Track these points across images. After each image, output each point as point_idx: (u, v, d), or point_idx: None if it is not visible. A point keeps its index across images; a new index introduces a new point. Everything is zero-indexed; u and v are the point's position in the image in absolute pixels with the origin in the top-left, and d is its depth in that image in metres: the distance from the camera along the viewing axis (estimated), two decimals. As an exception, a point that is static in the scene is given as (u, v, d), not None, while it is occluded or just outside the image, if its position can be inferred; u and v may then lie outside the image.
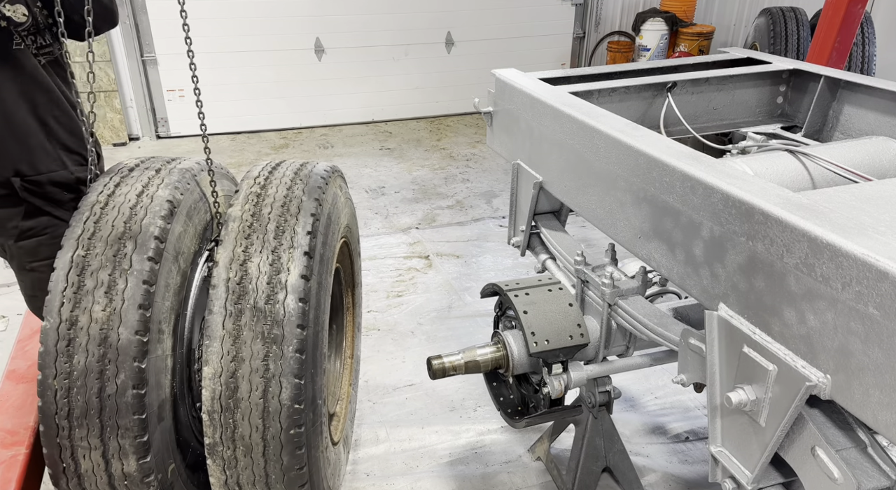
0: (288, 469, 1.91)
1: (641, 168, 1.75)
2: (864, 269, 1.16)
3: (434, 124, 7.53)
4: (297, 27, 6.92)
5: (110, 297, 1.81)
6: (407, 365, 3.44)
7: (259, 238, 1.97)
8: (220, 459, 1.90)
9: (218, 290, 1.89)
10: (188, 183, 2.11)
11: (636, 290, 2.05)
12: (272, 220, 2.01)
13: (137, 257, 1.85)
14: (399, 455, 2.86)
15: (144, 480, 1.85)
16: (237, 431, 1.86)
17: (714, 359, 1.54)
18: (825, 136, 2.59)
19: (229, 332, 1.86)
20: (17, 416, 2.22)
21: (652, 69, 2.70)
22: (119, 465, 1.82)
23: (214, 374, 1.85)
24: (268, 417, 1.85)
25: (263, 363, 1.84)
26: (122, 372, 1.78)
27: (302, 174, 2.19)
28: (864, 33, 6.24)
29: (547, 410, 2.17)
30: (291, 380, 1.85)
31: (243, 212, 2.04)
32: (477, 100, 2.68)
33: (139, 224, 1.90)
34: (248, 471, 1.91)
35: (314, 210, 2.06)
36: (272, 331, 1.85)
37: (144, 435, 1.82)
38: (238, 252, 1.95)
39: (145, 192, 2.00)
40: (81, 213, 1.95)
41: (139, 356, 1.80)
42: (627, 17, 8.37)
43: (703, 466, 2.80)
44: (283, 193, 2.09)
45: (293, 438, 1.88)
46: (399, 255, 4.59)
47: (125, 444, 1.80)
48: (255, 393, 1.84)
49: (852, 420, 1.42)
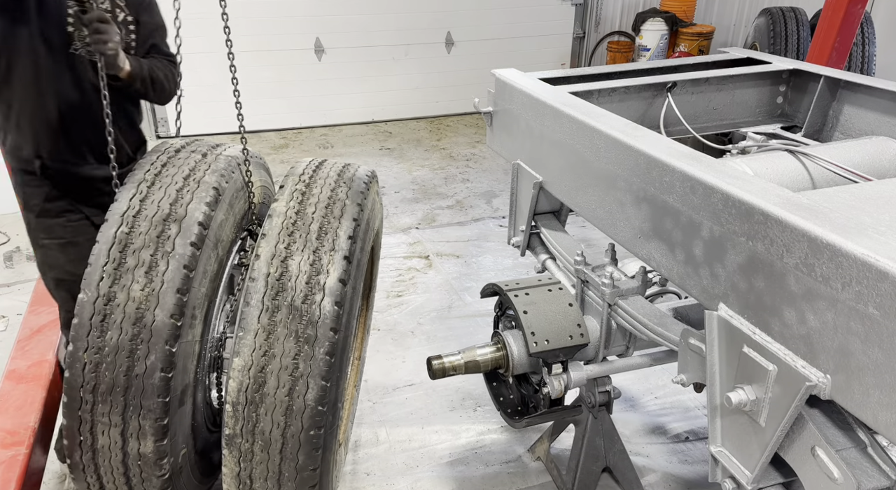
0: (302, 469, 1.92)
1: (641, 168, 1.75)
2: (864, 269, 1.16)
3: (434, 124, 7.53)
4: (297, 27, 6.91)
5: (150, 277, 1.83)
6: (407, 365, 3.44)
7: (302, 237, 1.98)
8: (236, 451, 1.91)
9: (257, 283, 1.90)
10: (233, 171, 2.13)
11: (636, 290, 2.05)
12: (315, 220, 2.02)
13: (181, 241, 1.87)
14: (399, 455, 2.86)
15: (158, 462, 1.87)
16: (258, 426, 1.88)
17: (714, 359, 1.54)
18: (825, 136, 2.59)
19: (264, 326, 1.87)
20: (17, 416, 2.23)
21: (652, 69, 2.70)
22: (136, 444, 1.84)
23: (244, 366, 1.86)
24: (291, 416, 1.86)
25: (294, 362, 1.85)
26: (154, 353, 1.80)
27: (345, 177, 2.20)
28: (864, 33, 6.24)
29: (547, 410, 2.17)
30: (319, 381, 1.85)
31: (288, 208, 2.05)
32: (477, 100, 2.68)
33: (185, 208, 1.92)
34: (263, 466, 1.92)
35: (356, 215, 2.07)
36: (306, 331, 1.86)
37: (165, 418, 1.84)
38: (280, 248, 1.96)
39: (192, 176, 2.02)
40: (128, 190, 1.97)
41: (171, 340, 1.82)
42: (627, 17, 8.36)
43: (703, 466, 2.79)
44: (328, 195, 2.09)
45: (312, 439, 1.89)
46: (399, 255, 4.59)
47: (145, 425, 1.82)
48: (281, 390, 1.85)
49: (852, 420, 1.42)
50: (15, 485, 1.99)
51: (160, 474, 1.88)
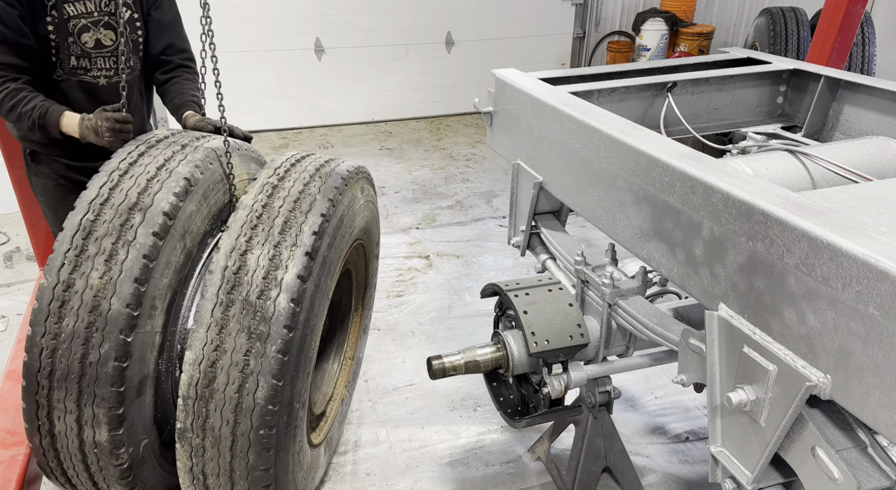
0: (253, 468, 1.89)
1: (641, 168, 1.75)
2: (864, 269, 1.16)
3: (434, 124, 7.53)
4: (297, 27, 6.91)
5: (109, 265, 1.81)
6: (407, 365, 3.44)
7: (264, 231, 1.94)
8: (188, 446, 1.88)
9: (214, 276, 1.88)
10: (211, 162, 2.09)
11: (636, 290, 2.05)
12: (281, 214, 1.98)
13: (143, 230, 1.85)
14: (399, 455, 2.86)
15: (114, 452, 1.84)
16: (208, 421, 1.85)
17: (714, 359, 1.54)
18: (825, 136, 2.59)
19: (217, 320, 1.84)
20: (17, 416, 2.22)
21: (652, 69, 2.70)
22: (91, 432, 1.82)
23: (195, 360, 1.84)
24: (240, 413, 1.83)
25: (244, 358, 1.82)
26: (107, 342, 1.78)
27: (323, 172, 2.15)
28: (864, 33, 6.24)
29: (547, 410, 2.17)
30: (269, 380, 1.82)
31: (255, 201, 2.01)
32: (477, 100, 2.68)
33: (152, 197, 1.90)
34: (214, 462, 1.89)
35: (325, 210, 2.02)
36: (258, 327, 1.83)
37: (120, 408, 1.81)
38: (241, 241, 1.92)
39: (166, 165, 2.00)
40: (100, 178, 1.95)
41: (126, 329, 1.79)
42: (627, 17, 8.36)
43: (703, 466, 2.80)
44: (299, 189, 2.05)
45: (262, 438, 1.85)
46: (399, 254, 4.59)
47: (99, 414, 1.80)
48: (230, 386, 1.82)
49: (852, 420, 1.42)
50: (15, 485, 1.99)
51: (117, 463, 1.86)
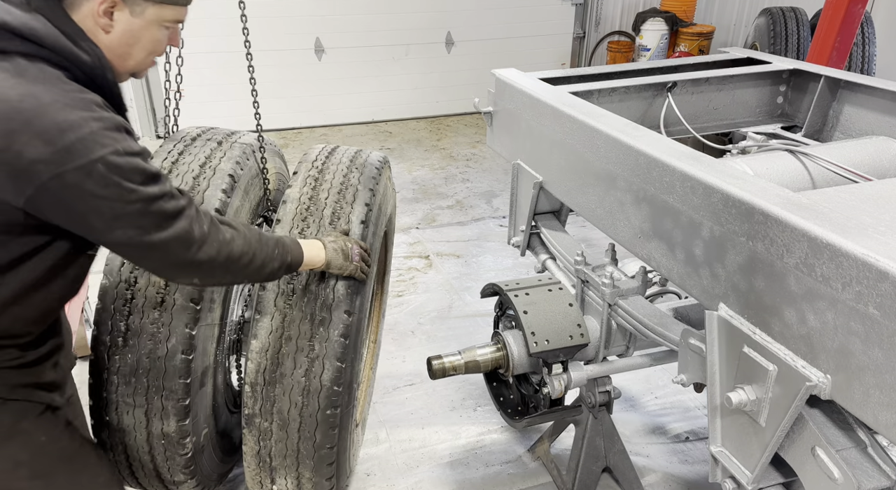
0: (319, 447, 1.97)
1: (641, 168, 1.75)
2: (864, 269, 1.16)
3: (434, 124, 7.53)
4: (297, 27, 6.91)
5: None
6: (407, 365, 3.43)
7: (315, 222, 2.02)
8: (255, 430, 1.96)
9: None
10: (248, 158, 2.17)
11: (636, 290, 2.05)
12: (328, 205, 2.06)
13: None
14: (399, 455, 2.86)
15: (181, 442, 1.92)
16: (276, 405, 1.93)
17: (714, 359, 1.54)
18: (825, 136, 2.59)
19: (280, 309, 1.92)
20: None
21: (652, 69, 2.70)
22: (160, 424, 1.89)
23: (262, 348, 1.91)
24: (308, 396, 1.91)
25: (309, 343, 1.90)
26: (174, 336, 1.85)
27: (357, 163, 2.24)
28: (864, 33, 6.23)
29: (547, 410, 2.17)
30: (334, 362, 1.90)
31: (301, 194, 2.09)
32: (477, 100, 2.68)
33: (202, 195, 1.97)
34: (282, 444, 1.97)
35: (368, 200, 2.11)
36: (320, 313, 1.91)
37: (187, 399, 1.88)
38: (294, 234, 2.00)
39: (208, 163, 2.06)
40: None
41: (191, 323, 1.86)
42: (627, 17, 8.36)
43: (703, 466, 2.79)
44: (340, 180, 2.14)
45: (329, 418, 1.94)
46: (399, 254, 4.59)
47: (168, 406, 1.87)
48: (298, 370, 1.90)
49: (852, 420, 1.42)
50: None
51: (183, 453, 1.93)
